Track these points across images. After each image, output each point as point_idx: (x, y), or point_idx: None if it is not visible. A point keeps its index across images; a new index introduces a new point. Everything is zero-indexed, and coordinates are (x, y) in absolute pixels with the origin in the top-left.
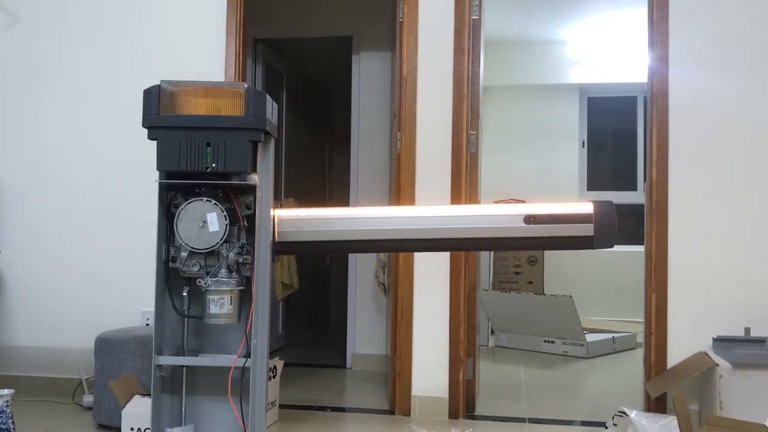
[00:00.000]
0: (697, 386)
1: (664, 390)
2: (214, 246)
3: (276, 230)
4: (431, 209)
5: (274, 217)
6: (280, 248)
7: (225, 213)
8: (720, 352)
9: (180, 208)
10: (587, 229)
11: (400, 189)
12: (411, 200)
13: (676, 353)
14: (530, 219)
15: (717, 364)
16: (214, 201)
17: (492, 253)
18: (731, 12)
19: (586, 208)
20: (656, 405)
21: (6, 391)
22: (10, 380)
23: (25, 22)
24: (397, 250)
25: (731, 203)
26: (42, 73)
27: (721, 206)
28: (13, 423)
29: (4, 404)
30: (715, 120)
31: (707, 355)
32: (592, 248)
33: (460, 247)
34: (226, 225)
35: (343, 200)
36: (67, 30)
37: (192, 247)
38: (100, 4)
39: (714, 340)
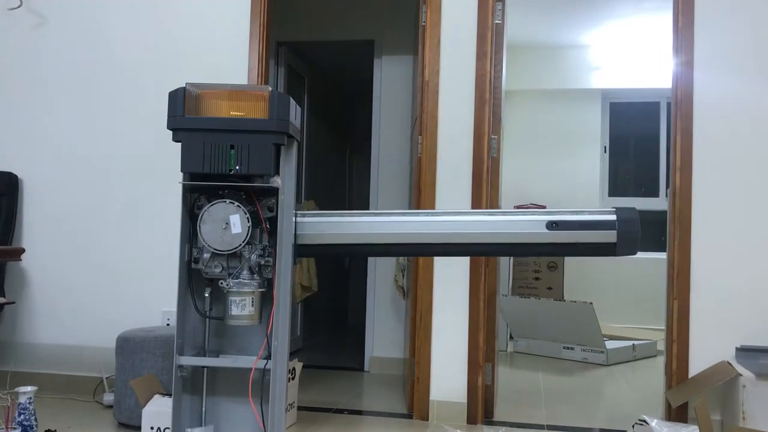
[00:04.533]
0: (719, 396)
1: (685, 399)
2: (236, 248)
3: (296, 233)
4: (452, 214)
5: (294, 220)
6: (300, 251)
7: (248, 215)
8: (743, 361)
9: (203, 210)
10: (610, 236)
11: (420, 193)
12: (431, 204)
13: (698, 362)
14: (553, 225)
15: (740, 374)
16: (237, 203)
17: (511, 258)
18: (757, 17)
19: (610, 215)
20: (677, 414)
21: (29, 388)
22: (33, 377)
23: (52, 23)
24: (417, 254)
25: (756, 211)
26: (68, 74)
27: (745, 214)
28: (35, 420)
29: (27, 401)
30: (740, 126)
31: (730, 364)
32: (614, 255)
33: (482, 252)
34: (249, 227)
35: (363, 203)
36: (94, 32)
37: (214, 249)
38: (127, 6)
39: (737, 349)
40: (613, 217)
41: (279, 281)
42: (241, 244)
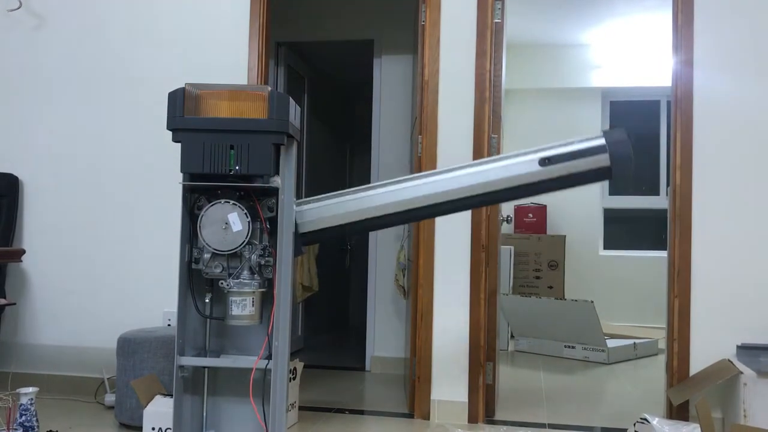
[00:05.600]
0: (720, 394)
1: (686, 397)
2: (237, 248)
3: (297, 223)
4: (446, 172)
5: (294, 209)
6: (304, 240)
7: (247, 214)
8: (744, 359)
9: (203, 210)
10: (603, 161)
11: None
12: None
13: (699, 360)
14: (545, 161)
15: (741, 372)
16: (236, 203)
17: (512, 257)
18: (757, 16)
19: (598, 139)
20: (678, 412)
21: (30, 389)
22: (34, 378)
23: (52, 25)
24: (421, 217)
25: (756, 209)
26: (68, 75)
27: (745, 212)
28: (36, 421)
29: (29, 402)
30: (740, 125)
31: (731, 362)
32: (610, 178)
33: (482, 202)
34: (248, 222)
35: None
36: (93, 33)
37: (215, 249)
38: (126, 7)
39: (738, 347)
40: (603, 141)
41: (279, 281)
42: (241, 244)
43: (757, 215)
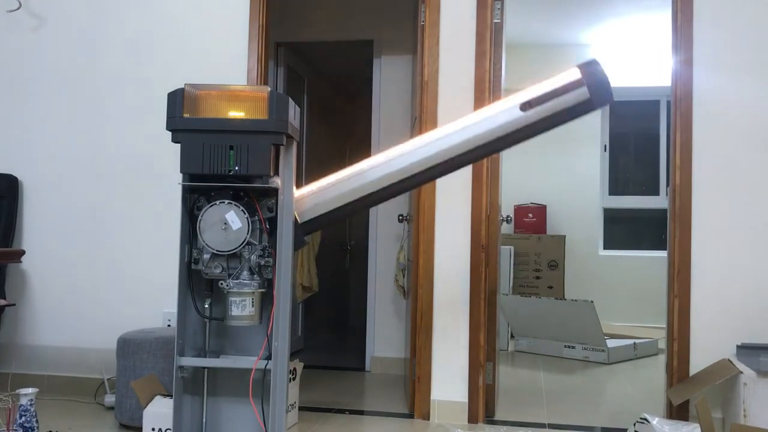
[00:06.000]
0: (720, 394)
1: (686, 397)
2: (236, 248)
3: (296, 213)
4: (430, 136)
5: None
6: (306, 229)
7: (247, 215)
8: (744, 359)
9: (203, 211)
10: (582, 94)
11: (420, 192)
12: (431, 203)
13: (699, 360)
14: (526, 105)
15: (741, 372)
16: (236, 204)
17: (512, 257)
18: (756, 15)
19: (573, 74)
20: (678, 412)
21: (30, 390)
22: (34, 379)
23: (51, 25)
24: (412, 186)
25: (756, 209)
26: (67, 76)
27: (746, 212)
28: (36, 421)
29: (29, 403)
30: (740, 124)
31: (731, 362)
32: (593, 109)
33: (473, 158)
34: (247, 218)
35: None
36: (93, 33)
37: (214, 249)
38: (126, 8)
39: (738, 347)
40: (579, 74)
41: (279, 281)
42: (241, 244)
43: (758, 215)
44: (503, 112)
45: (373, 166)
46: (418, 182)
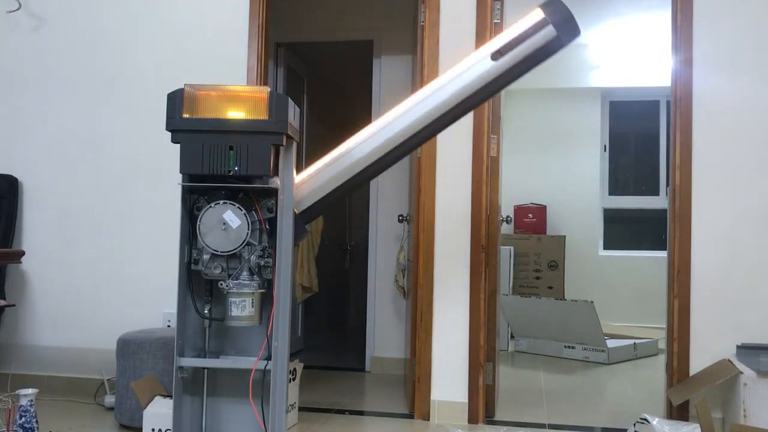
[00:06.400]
0: (720, 394)
1: (686, 397)
2: (236, 248)
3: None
4: (408, 102)
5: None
6: (306, 217)
7: (247, 216)
8: (744, 359)
9: (202, 211)
10: (549, 32)
11: (420, 192)
12: (431, 204)
13: (699, 360)
14: (497, 54)
15: (741, 372)
16: (236, 204)
17: (512, 257)
18: (756, 14)
19: (537, 15)
20: (678, 412)
21: (30, 391)
22: (34, 379)
23: (51, 26)
24: (403, 153)
25: (756, 209)
26: (67, 76)
27: (746, 212)
28: (36, 422)
29: (28, 403)
30: (740, 124)
31: (731, 362)
32: (563, 46)
33: (456, 116)
34: (245, 215)
35: (363, 203)
36: (93, 34)
37: (214, 250)
38: (125, 9)
39: (738, 347)
40: (542, 14)
41: (279, 282)
42: (241, 244)
43: (757, 215)
44: (476, 65)
45: (359, 143)
46: (405, 150)
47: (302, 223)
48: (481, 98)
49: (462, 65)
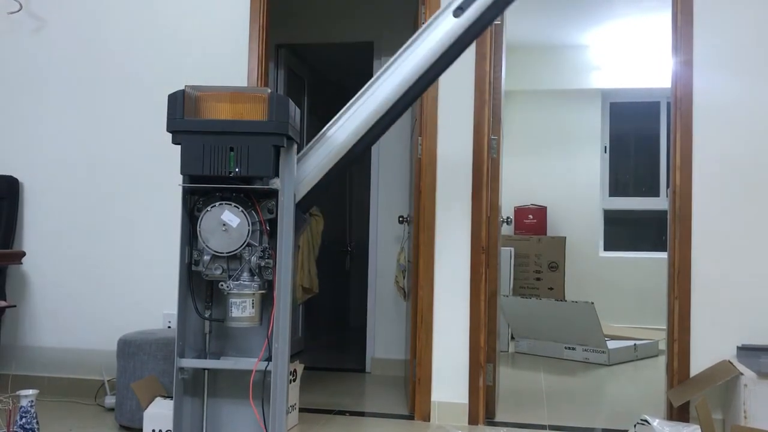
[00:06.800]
0: (721, 395)
1: (687, 398)
2: (236, 249)
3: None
4: (382, 77)
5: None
6: (303, 206)
7: (247, 217)
8: (745, 360)
9: (203, 212)
10: None
11: (420, 194)
12: (432, 205)
13: (700, 361)
14: (458, 11)
15: (742, 373)
16: (236, 205)
17: (513, 258)
18: (756, 15)
19: None
20: (679, 413)
21: (30, 392)
22: (34, 380)
23: (52, 27)
24: (388, 123)
25: (757, 210)
26: (68, 77)
27: (746, 213)
28: (37, 423)
29: (29, 404)
30: (740, 125)
31: (731, 363)
32: None
33: (434, 76)
34: (249, 224)
35: (363, 205)
36: (93, 36)
37: (214, 251)
38: (126, 10)
39: (738, 348)
40: None
41: (279, 283)
42: (241, 245)
43: (758, 216)
44: (441, 26)
45: (338, 127)
46: (386, 124)
47: (301, 213)
48: (451, 58)
49: (429, 30)
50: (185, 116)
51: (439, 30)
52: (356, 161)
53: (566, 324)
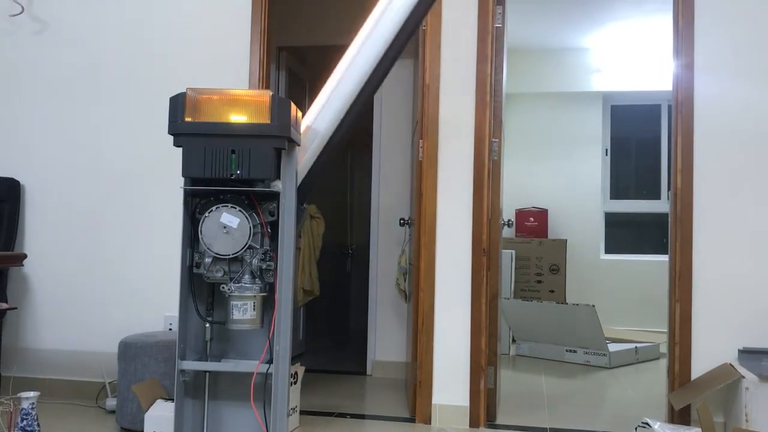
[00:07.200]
0: (722, 398)
1: (688, 401)
2: (238, 252)
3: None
4: (352, 54)
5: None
6: (306, 184)
7: (249, 219)
8: (746, 363)
9: (204, 214)
10: None
11: (421, 196)
12: (432, 207)
13: (701, 364)
14: None
15: (743, 376)
16: (237, 207)
17: (514, 261)
18: (757, 20)
19: None
20: (680, 416)
21: (32, 394)
22: (36, 383)
23: (54, 29)
24: (367, 96)
25: (757, 213)
26: (70, 79)
27: (747, 216)
28: (38, 425)
29: (30, 406)
30: (741, 128)
31: (733, 366)
32: None
33: (396, 53)
34: (250, 227)
35: (364, 207)
36: (95, 38)
37: (216, 253)
38: (128, 12)
39: (740, 351)
40: None
41: (281, 285)
42: (243, 248)
43: (759, 218)
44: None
45: (316, 116)
46: (369, 92)
47: (298, 204)
48: (412, 25)
49: (380, 5)
50: (186, 119)
51: (397, 2)
52: (338, 149)
53: (567, 327)
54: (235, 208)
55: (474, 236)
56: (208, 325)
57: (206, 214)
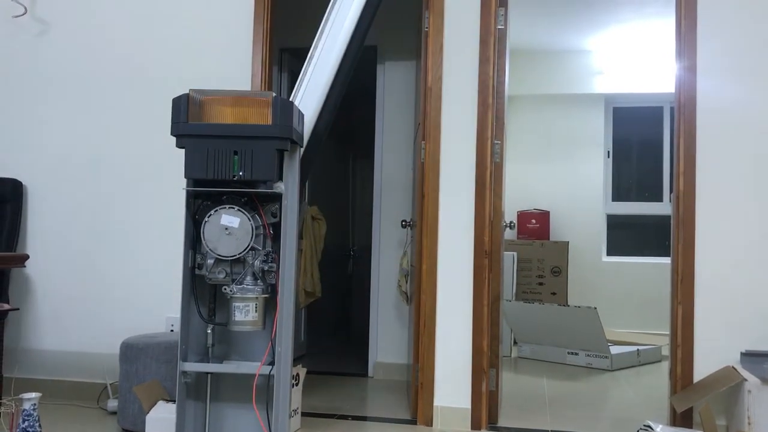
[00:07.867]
0: (724, 401)
1: (690, 404)
2: (240, 253)
3: None
4: (323, 43)
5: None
6: (306, 172)
7: (251, 220)
8: (748, 366)
9: (207, 216)
10: None
11: (423, 198)
12: (434, 209)
13: (703, 367)
14: None
15: (745, 379)
16: (240, 209)
17: (515, 263)
18: (760, 22)
19: None
20: (682, 419)
21: (33, 395)
22: (37, 384)
23: (56, 30)
24: (347, 70)
25: (760, 215)
26: (72, 81)
27: (749, 218)
28: (39, 426)
29: (32, 407)
30: (743, 130)
31: (735, 369)
32: None
33: (363, 32)
34: (252, 228)
35: (366, 208)
36: (97, 39)
37: (218, 254)
38: (130, 13)
39: (742, 354)
40: None
41: (283, 287)
42: (245, 249)
43: (761, 221)
44: None
45: (304, 108)
46: (348, 65)
47: (306, 175)
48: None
49: None
50: (189, 120)
51: None
52: (326, 129)
53: (569, 329)
54: (233, 208)
55: (476, 238)
56: (209, 330)
57: (206, 218)
